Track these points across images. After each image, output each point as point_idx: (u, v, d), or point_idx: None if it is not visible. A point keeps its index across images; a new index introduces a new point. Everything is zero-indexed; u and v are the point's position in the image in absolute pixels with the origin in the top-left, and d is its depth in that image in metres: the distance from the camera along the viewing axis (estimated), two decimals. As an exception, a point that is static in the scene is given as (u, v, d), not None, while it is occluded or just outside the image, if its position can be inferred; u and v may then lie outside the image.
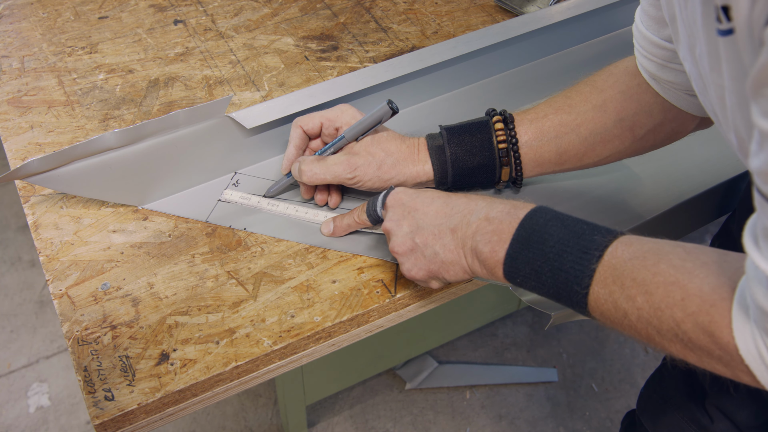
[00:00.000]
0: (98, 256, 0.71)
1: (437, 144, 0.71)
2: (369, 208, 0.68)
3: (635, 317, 0.50)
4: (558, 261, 0.54)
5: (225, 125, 0.74)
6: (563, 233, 0.55)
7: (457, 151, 0.70)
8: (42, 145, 0.81)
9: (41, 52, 0.93)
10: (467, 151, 0.70)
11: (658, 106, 0.68)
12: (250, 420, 1.44)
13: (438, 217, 0.62)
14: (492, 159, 0.71)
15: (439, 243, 0.61)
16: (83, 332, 0.65)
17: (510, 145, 0.70)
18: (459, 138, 0.70)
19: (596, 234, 0.54)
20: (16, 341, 1.56)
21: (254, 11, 1.01)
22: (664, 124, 0.69)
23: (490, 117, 0.72)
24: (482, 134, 0.70)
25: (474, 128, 0.71)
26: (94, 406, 0.60)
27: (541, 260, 0.55)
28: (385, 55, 0.93)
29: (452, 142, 0.70)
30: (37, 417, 1.44)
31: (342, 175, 0.70)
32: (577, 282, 0.53)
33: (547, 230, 0.55)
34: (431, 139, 0.72)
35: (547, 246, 0.55)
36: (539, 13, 0.89)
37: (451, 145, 0.70)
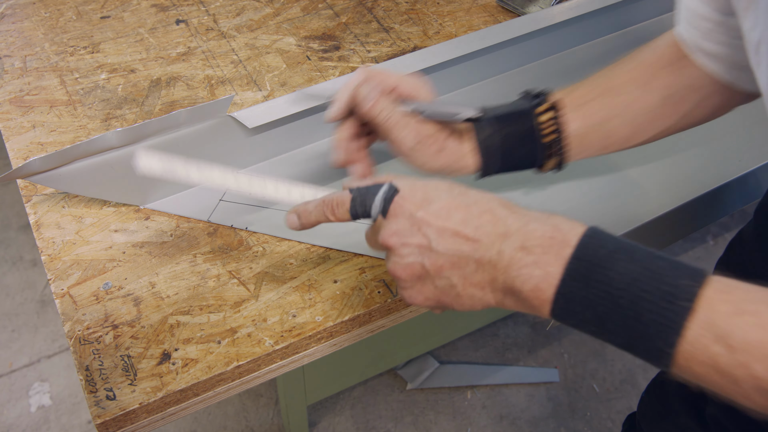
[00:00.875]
0: (100, 255, 0.71)
1: (485, 136, 0.65)
2: (356, 206, 0.54)
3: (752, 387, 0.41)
4: (632, 309, 0.44)
5: (227, 125, 0.74)
6: (636, 271, 0.44)
7: (505, 143, 0.65)
8: (44, 145, 0.81)
9: (43, 52, 0.94)
10: (515, 142, 0.65)
11: (703, 80, 0.64)
12: (251, 420, 1.44)
13: (458, 241, 0.50)
14: (536, 149, 0.65)
15: (458, 274, 0.50)
16: (85, 332, 0.65)
17: (557, 135, 0.64)
18: (507, 127, 0.65)
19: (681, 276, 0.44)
20: (17, 340, 1.56)
21: (256, 11, 1.01)
22: (709, 98, 0.65)
23: (534, 104, 0.65)
24: (527, 123, 0.65)
25: (520, 117, 0.65)
26: (96, 405, 0.60)
27: (608, 305, 0.44)
28: (387, 55, 0.93)
29: (500, 131, 0.65)
30: (39, 416, 1.44)
31: (407, 136, 0.62)
32: (662, 338, 0.43)
33: (613, 265, 0.45)
34: (479, 130, 0.65)
35: (614, 287, 0.44)
36: (541, 14, 0.89)
37: (500, 135, 0.65)
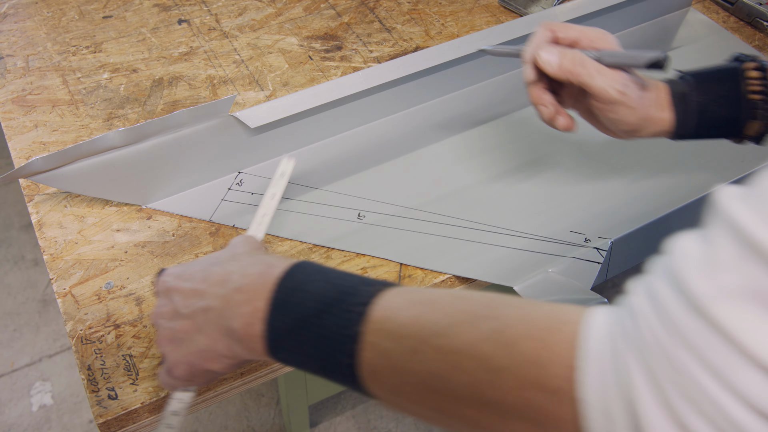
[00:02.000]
0: (102, 255, 0.71)
1: (681, 90, 0.62)
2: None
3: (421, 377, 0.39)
4: (319, 325, 0.43)
5: (229, 125, 0.74)
6: (324, 287, 0.44)
7: (703, 100, 0.61)
8: (46, 144, 0.81)
9: (45, 51, 0.94)
10: (714, 101, 0.61)
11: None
12: (252, 419, 1.44)
13: (193, 296, 0.50)
14: (740, 111, 0.61)
15: (196, 329, 0.50)
16: (87, 331, 0.65)
17: (765, 96, 0.60)
18: (706, 85, 0.62)
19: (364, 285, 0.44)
20: (19, 340, 1.56)
21: (258, 11, 1.01)
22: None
23: (740, 62, 0.63)
24: (732, 82, 0.62)
25: (723, 74, 0.62)
26: (98, 404, 0.60)
27: (302, 329, 0.44)
28: (389, 55, 0.93)
29: (699, 89, 0.62)
30: (40, 416, 1.44)
31: (613, 84, 0.59)
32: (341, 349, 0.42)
33: (307, 289, 0.45)
34: (674, 84, 0.63)
35: (306, 309, 0.44)
36: (543, 14, 0.89)
37: (698, 92, 0.62)
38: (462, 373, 0.38)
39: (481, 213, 0.74)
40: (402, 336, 0.40)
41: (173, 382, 0.54)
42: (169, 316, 0.52)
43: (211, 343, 0.49)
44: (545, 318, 0.38)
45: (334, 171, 0.79)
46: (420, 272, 0.69)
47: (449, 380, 0.39)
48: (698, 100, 0.61)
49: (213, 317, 0.49)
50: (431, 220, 0.74)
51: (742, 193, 0.33)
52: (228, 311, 0.48)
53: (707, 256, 0.32)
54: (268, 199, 0.68)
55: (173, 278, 0.53)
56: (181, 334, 0.51)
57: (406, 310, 0.41)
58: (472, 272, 0.69)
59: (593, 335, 0.35)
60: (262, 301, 0.46)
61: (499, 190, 0.77)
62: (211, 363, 0.50)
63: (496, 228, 0.73)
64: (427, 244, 0.71)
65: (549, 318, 0.38)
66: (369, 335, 0.42)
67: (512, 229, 0.73)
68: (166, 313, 0.52)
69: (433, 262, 0.70)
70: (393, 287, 0.44)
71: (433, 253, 0.71)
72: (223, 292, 0.49)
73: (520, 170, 0.79)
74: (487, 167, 0.79)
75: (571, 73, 0.59)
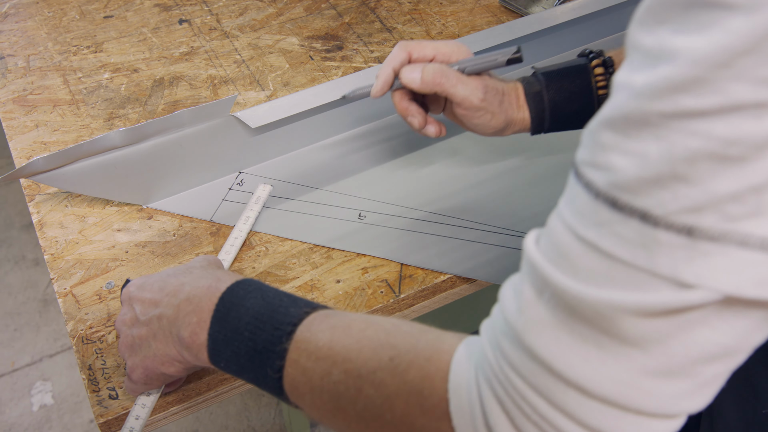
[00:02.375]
0: (103, 254, 0.71)
1: (534, 90, 0.66)
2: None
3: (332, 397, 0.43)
4: (252, 340, 0.47)
5: (230, 125, 0.74)
6: (259, 305, 0.48)
7: (555, 97, 0.65)
8: (47, 144, 0.81)
9: (46, 51, 0.94)
10: (566, 98, 0.65)
11: None
12: (253, 419, 1.44)
13: (150, 305, 0.54)
14: (591, 105, 0.65)
15: (151, 335, 0.54)
16: (88, 331, 0.65)
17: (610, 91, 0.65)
18: (558, 84, 0.66)
19: (295, 306, 0.48)
20: (19, 340, 1.56)
21: (259, 11, 1.01)
22: None
23: (588, 60, 0.67)
24: (581, 79, 0.66)
25: (572, 72, 0.66)
26: (98, 404, 0.60)
27: (238, 340, 0.48)
28: (390, 55, 0.93)
29: (550, 87, 0.65)
30: (41, 415, 1.44)
31: (474, 92, 0.62)
32: (270, 364, 0.46)
33: (245, 304, 0.49)
34: (527, 84, 0.67)
35: (242, 323, 0.48)
36: (544, 14, 0.89)
37: (550, 91, 0.65)
38: (364, 396, 0.42)
39: (481, 213, 0.74)
40: (319, 357, 0.44)
41: (132, 386, 0.57)
42: (129, 324, 0.56)
43: (164, 349, 0.53)
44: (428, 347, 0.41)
45: (335, 171, 0.79)
46: (420, 272, 0.69)
47: (354, 402, 0.42)
48: (551, 98, 0.65)
49: (165, 324, 0.53)
50: (432, 220, 0.74)
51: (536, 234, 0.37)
52: (178, 320, 0.51)
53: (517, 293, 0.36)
54: (242, 223, 0.72)
55: (135, 288, 0.57)
56: (139, 340, 0.54)
57: (324, 333, 0.45)
58: (472, 272, 0.69)
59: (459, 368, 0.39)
60: (207, 313, 0.50)
61: (499, 190, 0.77)
62: (164, 367, 0.54)
63: (496, 228, 0.73)
64: (427, 244, 0.71)
65: (431, 347, 0.41)
66: (292, 353, 0.45)
67: (512, 229, 0.73)
68: (127, 321, 0.56)
69: (433, 262, 0.70)
70: (321, 309, 0.48)
71: (434, 253, 0.71)
72: (175, 302, 0.52)
73: (521, 170, 0.79)
74: (488, 167, 0.79)
75: (435, 85, 0.62)
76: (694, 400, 0.33)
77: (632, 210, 0.30)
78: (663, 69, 0.29)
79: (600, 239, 0.32)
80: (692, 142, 0.28)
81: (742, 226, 0.28)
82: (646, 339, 0.32)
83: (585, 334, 0.33)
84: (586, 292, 0.32)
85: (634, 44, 0.31)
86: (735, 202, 0.28)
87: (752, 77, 0.27)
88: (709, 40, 0.28)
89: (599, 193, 0.32)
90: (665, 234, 0.30)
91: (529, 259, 0.36)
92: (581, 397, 0.33)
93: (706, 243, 0.29)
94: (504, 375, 0.36)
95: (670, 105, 0.29)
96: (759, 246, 0.28)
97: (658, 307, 0.30)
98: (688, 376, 0.32)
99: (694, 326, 0.31)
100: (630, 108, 0.30)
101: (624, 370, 0.32)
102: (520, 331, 0.35)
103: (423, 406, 0.39)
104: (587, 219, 0.32)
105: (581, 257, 0.33)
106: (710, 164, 0.28)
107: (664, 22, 0.30)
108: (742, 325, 0.31)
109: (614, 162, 0.31)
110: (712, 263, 0.29)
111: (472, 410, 0.37)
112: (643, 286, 0.31)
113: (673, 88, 0.29)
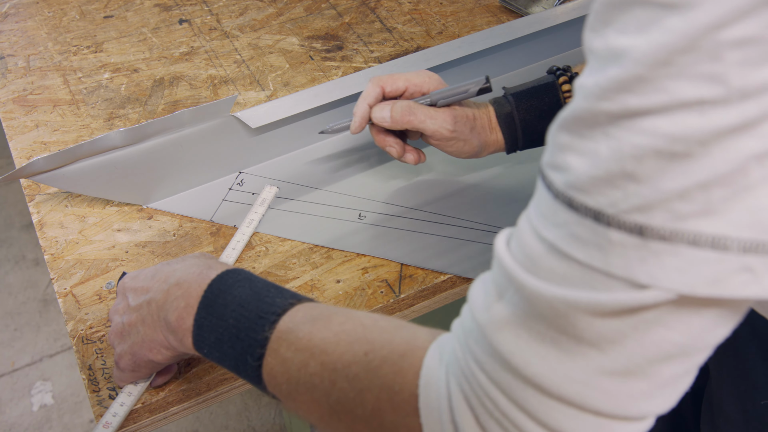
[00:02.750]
0: (103, 254, 0.71)
1: (506, 111, 0.68)
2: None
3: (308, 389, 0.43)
4: (236, 327, 0.47)
5: (230, 125, 0.74)
6: (246, 294, 0.49)
7: (526, 117, 0.67)
8: (47, 144, 0.81)
9: (46, 51, 0.94)
10: (536, 117, 0.67)
11: None
12: (253, 419, 1.44)
13: (141, 292, 0.55)
14: None
15: (140, 320, 0.54)
16: (88, 331, 0.65)
17: None
18: (527, 103, 0.67)
19: (280, 296, 0.48)
20: (19, 340, 1.56)
21: (259, 11, 1.01)
22: None
23: (555, 76, 0.68)
24: (550, 96, 0.67)
25: (541, 91, 0.68)
26: (98, 404, 0.60)
27: (223, 327, 0.48)
28: (390, 55, 0.93)
29: (520, 108, 0.67)
30: (41, 415, 1.44)
31: (443, 125, 0.65)
32: (250, 352, 0.46)
33: (232, 292, 0.49)
34: (498, 106, 0.69)
35: (228, 310, 0.48)
36: (544, 14, 0.89)
37: (520, 111, 0.67)
38: (337, 389, 0.42)
39: (480, 213, 0.74)
40: (298, 349, 0.44)
41: (120, 374, 0.58)
42: (121, 312, 0.57)
43: (151, 334, 0.53)
44: (402, 343, 0.42)
45: (335, 171, 0.79)
46: (420, 272, 0.69)
47: (328, 395, 0.43)
48: (521, 118, 0.67)
49: (154, 309, 0.53)
50: (432, 220, 0.74)
51: (507, 233, 0.38)
52: (167, 304, 0.52)
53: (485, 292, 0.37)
54: (246, 225, 0.72)
55: (129, 279, 0.58)
56: (128, 327, 0.55)
57: (305, 325, 0.45)
58: (473, 272, 0.69)
59: (431, 365, 0.39)
60: (195, 298, 0.50)
61: (499, 191, 0.77)
62: (151, 353, 0.54)
63: (495, 228, 0.73)
64: (427, 244, 0.71)
65: (405, 343, 0.41)
66: (273, 343, 0.46)
67: (513, 230, 0.73)
68: (119, 309, 0.57)
69: (433, 262, 0.70)
70: (306, 302, 0.48)
71: (434, 253, 0.71)
72: (165, 287, 0.53)
73: (521, 170, 0.79)
74: (488, 168, 0.79)
75: (404, 123, 0.66)
76: (653, 402, 0.33)
77: (586, 210, 0.31)
78: (609, 70, 0.29)
79: (558, 240, 0.32)
80: (639, 140, 0.29)
81: (691, 224, 0.29)
82: (602, 338, 0.32)
83: (543, 333, 0.33)
84: (545, 290, 0.32)
85: (588, 48, 0.32)
86: (683, 199, 0.28)
87: (692, 74, 0.27)
88: (649, 40, 0.28)
89: (558, 193, 0.32)
90: (617, 233, 0.30)
91: (497, 257, 0.36)
92: (540, 396, 0.34)
93: (657, 242, 0.29)
94: (470, 372, 0.36)
95: (617, 104, 0.29)
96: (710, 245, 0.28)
97: (613, 306, 0.31)
98: (645, 376, 0.32)
99: (649, 326, 0.31)
100: (581, 109, 0.31)
101: (580, 369, 0.33)
102: (485, 328, 0.35)
103: (393, 401, 0.40)
104: (548, 220, 0.33)
105: (543, 258, 0.33)
106: (657, 161, 0.28)
107: (609, 23, 0.30)
108: (698, 324, 0.31)
109: (570, 162, 0.31)
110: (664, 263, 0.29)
111: (440, 406, 0.37)
112: (599, 286, 0.31)
113: (618, 88, 0.29)
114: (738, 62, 0.27)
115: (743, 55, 0.27)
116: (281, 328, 0.46)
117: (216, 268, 0.52)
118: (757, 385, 0.61)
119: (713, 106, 0.27)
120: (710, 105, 0.27)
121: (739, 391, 0.64)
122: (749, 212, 0.28)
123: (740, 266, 0.29)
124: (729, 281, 0.29)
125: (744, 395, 0.63)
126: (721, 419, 0.67)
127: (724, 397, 0.66)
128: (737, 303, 0.32)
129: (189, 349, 0.51)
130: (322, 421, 0.44)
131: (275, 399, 0.47)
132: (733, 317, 0.32)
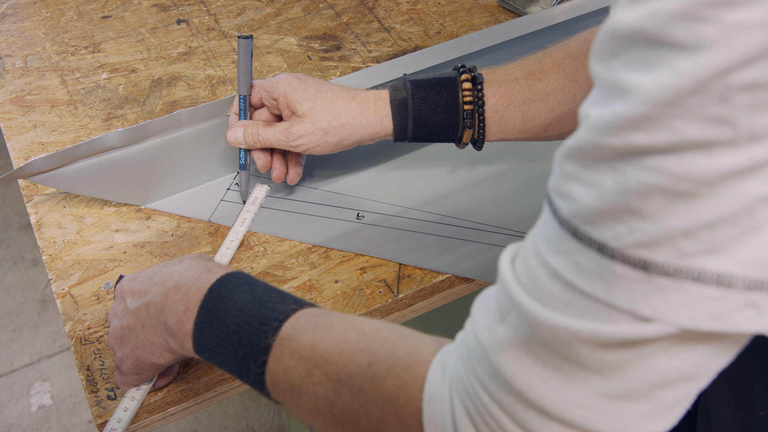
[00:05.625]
0: (101, 255, 0.71)
1: (400, 97, 0.66)
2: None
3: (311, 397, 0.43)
4: (238, 333, 0.47)
5: (228, 125, 0.74)
6: (247, 299, 0.48)
7: (420, 107, 0.66)
8: (45, 144, 0.81)
9: (44, 52, 0.93)
10: (431, 108, 0.66)
11: None
12: (251, 420, 1.44)
13: (139, 295, 0.55)
14: (456, 119, 0.66)
15: (139, 323, 0.54)
16: (86, 331, 0.65)
17: (476, 107, 0.65)
18: (424, 93, 0.66)
19: (282, 302, 0.48)
20: (18, 340, 1.56)
21: (257, 11, 1.01)
22: None
23: (458, 73, 0.67)
24: (448, 92, 0.66)
25: (441, 84, 0.66)
26: (97, 405, 0.60)
27: (224, 332, 0.48)
28: (388, 55, 0.93)
29: (416, 96, 0.66)
30: (39, 416, 1.44)
31: (286, 142, 0.67)
32: (253, 358, 0.46)
33: (233, 297, 0.49)
34: (394, 91, 0.67)
35: (229, 315, 0.48)
36: (542, 14, 0.89)
37: (415, 99, 0.66)
38: (342, 401, 0.42)
39: (479, 213, 0.74)
40: (301, 357, 0.45)
41: (123, 378, 0.58)
42: (120, 315, 0.56)
43: (150, 336, 0.53)
44: (405, 356, 0.42)
45: (333, 171, 0.79)
46: (419, 272, 0.69)
47: (332, 405, 0.43)
48: (415, 107, 0.66)
49: (153, 312, 0.53)
50: (430, 220, 0.74)
51: (513, 251, 0.37)
52: (166, 307, 0.52)
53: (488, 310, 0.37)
54: (239, 224, 0.72)
55: (127, 282, 0.58)
56: (128, 331, 0.55)
57: (308, 333, 0.45)
58: (472, 272, 0.69)
59: (434, 379, 0.39)
60: (195, 302, 0.50)
61: (497, 191, 0.77)
62: (154, 356, 0.54)
63: (494, 228, 0.73)
64: (426, 244, 0.71)
65: (408, 356, 0.42)
66: (276, 349, 0.46)
67: (511, 229, 0.73)
68: (118, 313, 0.57)
69: (432, 262, 0.70)
70: (308, 307, 0.48)
71: (433, 253, 0.71)
72: (163, 290, 0.53)
73: (519, 170, 0.79)
74: (486, 167, 0.79)
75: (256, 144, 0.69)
76: (656, 424, 0.33)
77: (591, 241, 0.31)
78: (616, 105, 0.29)
79: (562, 267, 0.32)
80: (644, 177, 0.29)
81: (696, 262, 0.28)
82: (605, 366, 0.32)
83: (545, 358, 0.33)
84: (547, 317, 0.32)
85: (594, 75, 0.32)
86: (688, 238, 0.28)
87: (700, 115, 0.27)
88: (657, 79, 0.28)
89: (563, 221, 0.32)
90: (621, 267, 0.30)
91: (501, 277, 0.36)
92: (542, 418, 0.34)
93: (661, 278, 0.29)
94: (473, 390, 0.36)
95: (623, 141, 0.29)
96: (715, 282, 0.28)
97: (615, 338, 0.31)
98: (647, 400, 0.32)
99: (651, 354, 0.31)
100: (586, 141, 0.31)
101: (583, 393, 0.33)
102: (487, 348, 0.36)
103: (397, 414, 0.40)
104: (552, 245, 0.33)
105: (546, 283, 0.33)
106: (662, 199, 0.28)
107: (616, 55, 0.30)
108: (700, 354, 0.31)
109: (575, 192, 0.31)
110: (668, 297, 0.29)
111: (444, 422, 0.38)
112: (601, 317, 0.31)
113: (624, 124, 0.29)
114: (747, 105, 0.27)
115: (753, 99, 0.26)
116: (284, 334, 0.46)
117: (215, 271, 0.52)
118: (755, 396, 0.61)
119: (721, 148, 0.27)
120: (718, 147, 0.27)
121: (737, 402, 0.64)
122: (755, 251, 0.28)
123: (744, 302, 0.29)
124: (733, 317, 0.29)
125: (742, 406, 0.63)
126: (717, 429, 0.67)
127: (721, 408, 0.66)
128: (740, 335, 0.32)
129: (189, 352, 0.51)
130: (325, 428, 0.44)
131: (277, 404, 0.47)
132: (735, 347, 0.32)
